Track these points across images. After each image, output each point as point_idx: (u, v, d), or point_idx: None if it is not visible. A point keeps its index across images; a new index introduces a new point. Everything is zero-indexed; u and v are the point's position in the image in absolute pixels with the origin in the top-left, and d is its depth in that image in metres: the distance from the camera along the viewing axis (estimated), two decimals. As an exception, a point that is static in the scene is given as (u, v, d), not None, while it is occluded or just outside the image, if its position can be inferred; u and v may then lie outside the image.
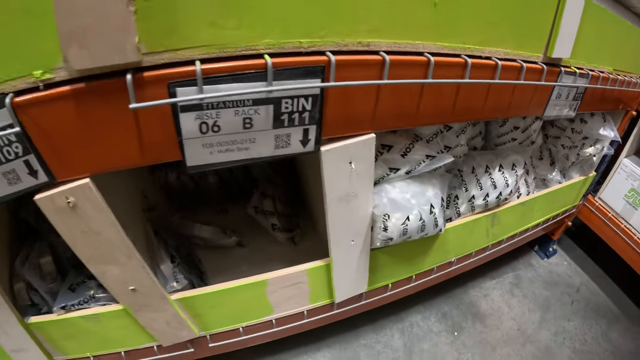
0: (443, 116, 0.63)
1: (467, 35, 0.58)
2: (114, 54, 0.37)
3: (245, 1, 0.39)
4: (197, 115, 0.42)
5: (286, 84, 0.43)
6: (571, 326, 1.57)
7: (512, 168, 0.99)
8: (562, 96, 0.89)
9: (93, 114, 0.40)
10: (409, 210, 0.68)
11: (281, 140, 0.48)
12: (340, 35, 0.45)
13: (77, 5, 0.34)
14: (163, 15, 0.37)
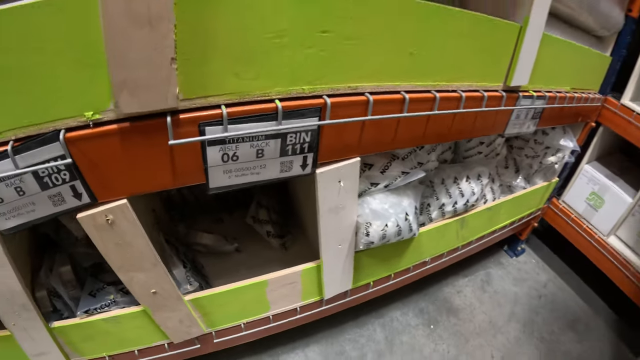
0: (416, 141, 0.74)
1: (437, 75, 0.69)
2: (158, 101, 0.46)
3: (262, 58, 0.49)
4: (221, 148, 0.52)
5: (292, 123, 0.53)
6: (539, 318, 1.68)
7: (478, 178, 1.11)
8: (521, 116, 1.01)
9: (135, 148, 0.49)
10: (387, 219, 0.79)
11: (285, 166, 0.58)
12: (334, 82, 0.56)
13: (128, 61, 0.42)
14: (197, 70, 0.47)
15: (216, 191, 0.56)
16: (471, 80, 0.78)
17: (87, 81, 0.44)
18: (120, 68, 0.43)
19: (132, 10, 0.40)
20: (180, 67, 0.45)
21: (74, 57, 0.43)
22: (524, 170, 1.57)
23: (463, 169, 1.09)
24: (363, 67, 0.58)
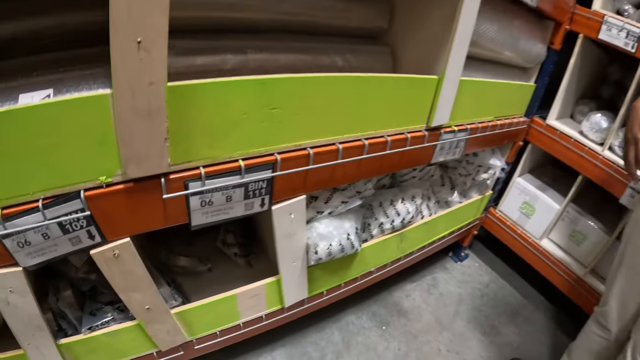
0: (352, 178, 0.94)
1: (367, 126, 0.90)
2: (154, 168, 0.64)
3: (228, 132, 0.68)
4: (200, 197, 0.70)
5: (252, 176, 0.73)
6: (481, 315, 1.89)
7: (412, 199, 1.32)
8: (445, 148, 1.22)
9: (137, 200, 0.67)
10: (331, 239, 0.99)
11: (248, 206, 0.77)
12: (282, 143, 0.75)
13: (134, 142, 0.61)
14: (182, 144, 0.65)
15: (197, 228, 0.74)
16: (397, 126, 0.99)
17: (101, 155, 0.62)
18: (127, 147, 0.61)
19: (136, 107, 0.58)
20: (170, 143, 0.63)
21: (92, 139, 0.59)
22: (459, 186, 1.77)
23: (399, 192, 1.30)
24: (304, 129, 0.78)
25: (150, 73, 0.56)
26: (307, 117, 0.77)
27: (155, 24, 0.53)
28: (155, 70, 0.56)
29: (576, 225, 2.00)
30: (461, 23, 0.96)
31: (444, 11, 0.97)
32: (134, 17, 0.50)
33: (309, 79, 0.72)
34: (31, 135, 0.55)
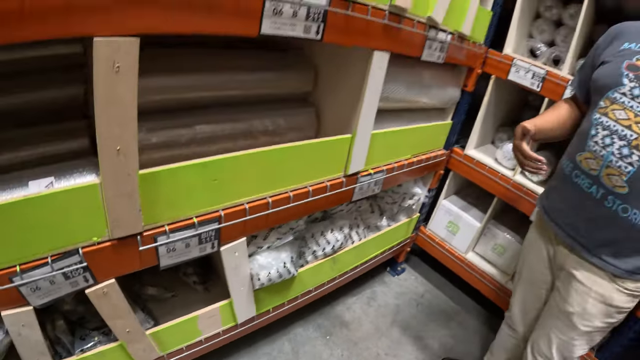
0: (283, 221, 1.24)
1: (292, 181, 1.20)
2: (133, 229, 0.91)
3: (183, 200, 0.96)
4: (166, 246, 0.98)
5: (204, 228, 1.01)
6: (417, 322, 2.16)
7: (340, 229, 1.62)
8: (364, 187, 1.52)
9: (120, 252, 0.94)
10: (270, 268, 1.28)
11: (202, 249, 1.05)
12: (225, 202, 1.04)
13: (117, 212, 0.88)
14: (151, 211, 0.93)
15: (164, 268, 1.01)
16: (317, 177, 1.29)
17: (93, 223, 0.88)
18: (112, 216, 0.88)
19: (118, 191, 0.85)
20: (142, 211, 0.91)
21: (87, 212, 0.85)
22: (387, 212, 2.07)
23: (329, 223, 1.60)
24: (241, 190, 1.07)
25: (127, 168, 0.83)
26: (242, 182, 1.06)
27: (128, 135, 0.80)
28: (130, 165, 0.84)
29: (497, 239, 2.32)
30: (368, 90, 1.26)
31: (355, 80, 1.27)
32: (114, 133, 0.78)
33: (240, 156, 1.01)
34: (43, 212, 0.80)
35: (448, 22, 1.49)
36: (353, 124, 1.32)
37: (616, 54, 1.27)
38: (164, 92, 1.02)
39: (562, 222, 1.30)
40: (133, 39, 0.71)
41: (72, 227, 0.85)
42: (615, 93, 1.21)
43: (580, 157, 1.24)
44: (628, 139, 1.15)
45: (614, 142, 1.17)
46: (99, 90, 0.72)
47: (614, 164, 1.17)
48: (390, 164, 1.63)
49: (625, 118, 1.16)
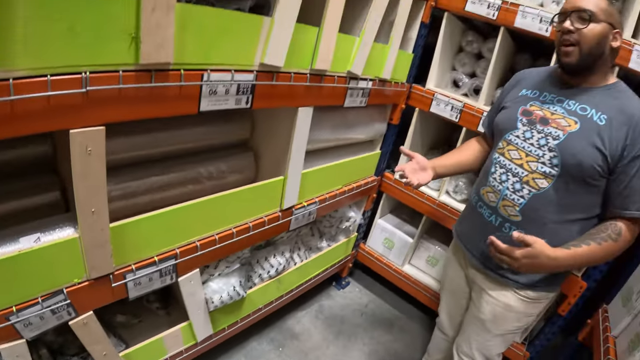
0: (228, 252, 1.50)
1: (234, 219, 1.46)
2: (106, 270, 1.16)
3: (145, 243, 1.22)
4: (133, 281, 1.23)
5: (163, 264, 1.26)
6: (361, 330, 2.40)
7: (282, 254, 1.89)
8: (299, 218, 1.79)
9: (96, 289, 1.18)
10: (222, 292, 1.53)
11: (163, 281, 1.31)
12: (180, 242, 1.30)
13: (94, 259, 1.13)
14: (121, 254, 1.18)
15: (133, 299, 1.26)
16: (256, 214, 1.56)
17: (74, 268, 1.11)
18: (89, 261, 1.12)
19: (94, 242, 1.10)
20: (113, 255, 1.16)
21: (69, 260, 1.09)
22: (326, 234, 2.33)
23: (272, 249, 1.87)
24: (192, 231, 1.33)
25: (101, 224, 1.09)
26: (192, 225, 1.33)
27: (100, 200, 1.06)
28: (103, 222, 1.09)
29: (429, 252, 2.62)
30: (295, 139, 1.53)
31: (284, 130, 1.54)
32: (89, 199, 1.03)
33: (189, 205, 1.28)
34: (35, 262, 1.02)
35: (368, 71, 1.76)
36: (285, 167, 1.59)
37: (515, 99, 1.44)
38: (123, 151, 1.24)
39: (470, 246, 1.49)
40: (100, 128, 0.96)
41: (57, 272, 1.08)
42: (510, 135, 1.37)
43: (483, 190, 1.43)
44: (520, 176, 1.32)
45: (508, 178, 1.34)
46: (76, 168, 0.97)
47: (508, 197, 1.34)
48: (323, 195, 1.92)
49: (518, 157, 1.33)
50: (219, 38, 1.11)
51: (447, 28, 2.16)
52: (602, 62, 1.26)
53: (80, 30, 0.82)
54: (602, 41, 1.22)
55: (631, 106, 1.22)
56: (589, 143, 1.22)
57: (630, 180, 1.21)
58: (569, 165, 1.24)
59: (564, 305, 1.97)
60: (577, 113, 1.27)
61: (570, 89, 1.33)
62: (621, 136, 1.19)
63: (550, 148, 1.26)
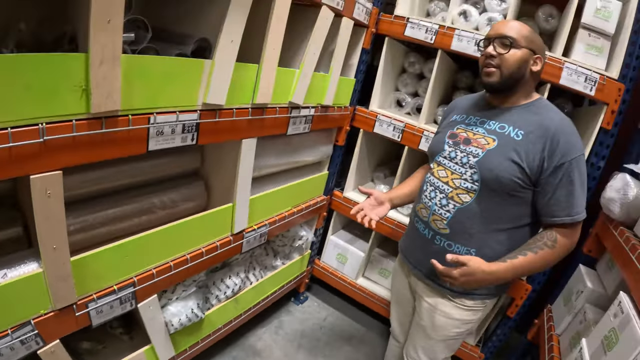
0: (184, 277, 1.64)
1: (188, 245, 1.60)
2: (70, 301, 1.28)
3: (105, 274, 1.35)
4: (95, 309, 1.35)
5: (123, 292, 1.39)
6: (321, 343, 2.52)
7: (237, 274, 2.03)
8: (251, 240, 1.93)
9: (61, 319, 1.29)
10: (181, 315, 1.66)
11: (123, 307, 1.43)
12: (138, 270, 1.44)
13: (57, 291, 1.25)
14: (82, 285, 1.30)
15: (96, 326, 1.38)
16: (209, 239, 1.70)
17: (40, 300, 1.23)
18: (54, 294, 1.24)
19: (57, 275, 1.23)
20: (75, 286, 1.28)
21: (34, 293, 1.20)
22: (280, 253, 2.46)
23: (228, 271, 2.01)
24: (149, 260, 1.47)
25: (62, 259, 1.21)
26: (148, 253, 1.46)
27: (61, 237, 1.18)
28: (64, 257, 1.21)
29: (382, 264, 2.77)
30: (241, 168, 1.68)
31: (231, 160, 1.68)
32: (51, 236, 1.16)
33: (144, 236, 1.42)
34: (4, 298, 1.13)
35: (310, 100, 1.93)
36: (233, 194, 1.74)
37: (446, 125, 1.56)
38: (79, 187, 1.34)
39: (411, 258, 1.61)
40: (58, 173, 1.09)
41: (25, 305, 1.17)
42: (440, 157, 1.48)
43: (418, 207, 1.54)
44: (445, 192, 1.42)
45: (436, 195, 1.45)
46: (37, 210, 1.09)
47: (437, 212, 1.44)
48: (273, 217, 2.07)
49: (444, 176, 1.44)
50: (164, 83, 1.25)
51: (388, 52, 2.37)
52: (522, 84, 1.37)
53: (35, 87, 0.95)
54: (523, 65, 1.33)
55: (549, 120, 1.32)
56: (506, 158, 1.31)
57: (555, 190, 1.30)
58: (487, 180, 1.34)
59: (512, 308, 2.16)
60: (496, 131, 1.38)
61: (493, 110, 1.44)
62: (538, 149, 1.29)
63: (471, 165, 1.36)
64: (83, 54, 0.99)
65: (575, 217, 1.32)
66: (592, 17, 1.89)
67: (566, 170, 1.28)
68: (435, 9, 2.44)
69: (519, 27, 1.32)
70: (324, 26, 1.78)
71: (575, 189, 1.30)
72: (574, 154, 1.29)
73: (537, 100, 1.41)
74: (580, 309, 1.79)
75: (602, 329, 1.41)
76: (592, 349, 1.42)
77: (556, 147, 1.28)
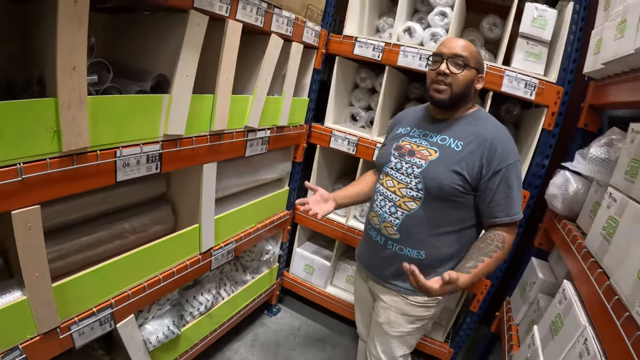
0: (158, 296, 1.75)
1: (160, 266, 1.72)
2: (53, 324, 1.37)
3: (85, 297, 1.45)
4: (77, 331, 1.45)
5: (102, 313, 1.50)
6: (296, 352, 2.60)
7: (209, 291, 2.14)
8: (219, 258, 2.05)
9: (46, 343, 1.38)
10: (158, 333, 1.76)
11: (103, 328, 1.53)
12: (113, 292, 1.54)
13: (42, 316, 1.34)
14: (64, 309, 1.40)
15: (79, 347, 1.48)
16: (179, 259, 1.82)
17: (26, 325, 1.30)
18: (39, 319, 1.33)
19: (40, 300, 1.32)
20: (58, 310, 1.38)
21: (20, 321, 1.28)
22: (249, 268, 2.57)
23: (199, 288, 2.12)
24: (123, 282, 1.58)
25: (44, 285, 1.31)
26: (123, 276, 1.57)
27: (42, 265, 1.28)
28: (46, 284, 1.31)
29: (348, 272, 2.91)
30: (204, 190, 1.81)
31: (194, 185, 1.81)
32: (33, 266, 1.26)
33: (117, 260, 1.52)
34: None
35: (265, 122, 2.07)
36: (199, 215, 1.87)
37: (392, 138, 1.63)
38: (54, 218, 1.43)
39: (366, 263, 1.70)
40: (36, 207, 1.19)
41: (13, 330, 1.21)
42: (387, 168, 1.55)
43: (370, 215, 1.62)
44: (394, 201, 1.50)
45: (386, 204, 1.53)
46: (19, 242, 1.19)
47: (387, 219, 1.52)
48: (239, 234, 2.20)
49: (392, 186, 1.51)
50: (127, 118, 1.35)
51: (339, 70, 2.54)
52: (466, 100, 1.47)
53: (10, 132, 1.04)
54: (470, 84, 1.42)
55: (485, 130, 1.42)
56: (446, 167, 1.41)
57: (494, 193, 1.40)
58: (430, 188, 1.42)
59: (474, 303, 2.35)
60: (438, 143, 1.46)
61: (436, 124, 1.52)
62: (477, 157, 1.39)
63: (415, 175, 1.45)
64: (52, 99, 1.12)
65: (514, 217, 1.43)
66: (529, 26, 2.08)
67: (503, 176, 1.39)
68: (384, 25, 2.63)
69: (470, 47, 1.41)
70: (274, 53, 1.92)
71: (513, 192, 1.41)
72: (510, 160, 1.40)
73: (476, 112, 1.51)
74: (534, 299, 1.95)
75: (550, 315, 1.53)
76: (542, 334, 1.54)
77: (494, 155, 1.38)
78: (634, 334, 0.90)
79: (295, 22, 2.03)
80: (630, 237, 1.13)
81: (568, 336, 1.31)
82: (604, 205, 1.37)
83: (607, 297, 1.10)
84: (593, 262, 1.31)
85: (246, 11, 1.66)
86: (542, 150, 2.05)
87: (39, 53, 1.24)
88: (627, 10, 1.34)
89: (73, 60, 1.12)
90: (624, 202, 1.23)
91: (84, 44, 1.13)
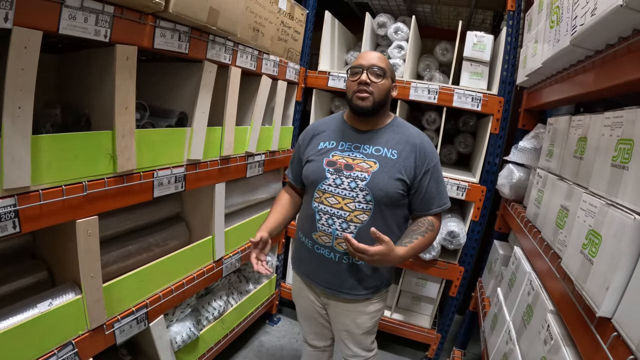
0: (182, 299, 2.02)
1: (183, 272, 2.00)
2: (101, 321, 1.64)
3: (126, 297, 1.73)
4: (120, 329, 1.71)
5: (139, 312, 1.76)
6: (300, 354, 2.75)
7: (220, 298, 2.42)
8: (229, 265, 2.34)
9: (95, 337, 1.62)
10: (182, 333, 2.02)
11: (139, 327, 1.80)
12: (147, 294, 1.82)
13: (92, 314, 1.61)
14: (109, 307, 1.67)
15: (120, 344, 1.73)
16: (198, 266, 2.10)
17: (79, 321, 1.55)
18: (90, 315, 1.59)
19: (93, 299, 1.60)
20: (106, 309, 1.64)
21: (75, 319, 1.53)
22: (251, 279, 2.82)
23: (212, 295, 2.38)
24: (156, 285, 1.85)
25: (97, 284, 1.57)
26: (156, 280, 1.84)
27: (95, 267, 1.55)
28: (98, 282, 1.57)
29: None
30: (216, 207, 2.12)
31: (207, 203, 2.12)
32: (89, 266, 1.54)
33: (152, 265, 1.81)
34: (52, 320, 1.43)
35: (260, 148, 2.42)
36: (212, 228, 2.17)
37: (317, 153, 1.62)
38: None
39: (320, 280, 1.69)
40: (95, 217, 1.47)
41: (68, 326, 1.41)
42: (323, 185, 1.55)
43: (315, 235, 1.61)
44: (343, 217, 1.52)
45: (335, 221, 1.54)
46: (81, 246, 1.43)
47: (340, 236, 1.54)
48: (242, 246, 2.49)
49: (336, 202, 1.53)
50: (161, 147, 1.70)
51: (317, 100, 2.95)
52: (385, 108, 1.55)
53: (81, 156, 1.33)
54: (388, 92, 1.51)
55: (412, 137, 1.54)
56: (390, 176, 1.48)
57: (426, 190, 1.53)
58: (379, 197, 1.48)
59: (452, 289, 2.66)
60: (374, 155, 1.52)
61: (362, 135, 1.58)
62: (411, 162, 1.50)
63: (361, 188, 1.49)
64: (110, 131, 1.45)
65: (444, 207, 1.58)
66: (470, 50, 2.54)
67: (432, 174, 1.53)
68: (352, 58, 3.08)
69: (385, 59, 1.50)
70: (265, 90, 2.31)
71: (440, 186, 1.57)
72: (435, 160, 1.55)
73: (395, 120, 1.61)
74: (499, 272, 2.30)
75: (507, 275, 1.94)
76: (503, 291, 1.95)
77: (424, 158, 1.51)
78: (556, 262, 1.26)
79: (280, 63, 2.49)
80: (550, 200, 1.52)
81: (520, 283, 1.66)
82: (534, 183, 1.76)
83: (540, 245, 1.47)
84: (531, 226, 1.70)
85: (243, 59, 2.07)
86: (492, 151, 2.46)
87: (95, 96, 1.54)
88: (538, 33, 1.75)
89: (126, 102, 1.45)
90: (545, 176, 1.62)
91: (134, 90, 1.47)
